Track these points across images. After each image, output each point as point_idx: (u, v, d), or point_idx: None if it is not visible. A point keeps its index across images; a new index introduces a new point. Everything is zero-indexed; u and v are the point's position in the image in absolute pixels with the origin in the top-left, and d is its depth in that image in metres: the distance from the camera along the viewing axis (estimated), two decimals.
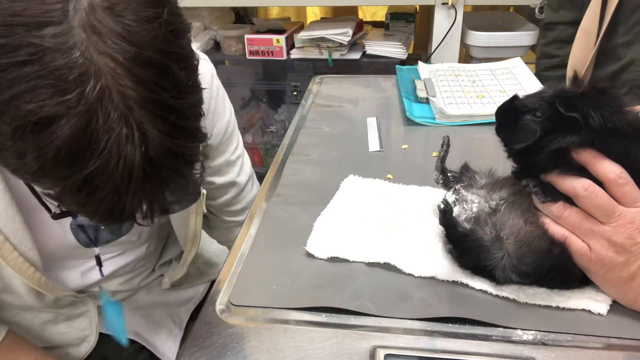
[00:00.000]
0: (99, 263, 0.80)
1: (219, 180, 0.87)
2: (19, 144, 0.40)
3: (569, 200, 0.53)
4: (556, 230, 0.55)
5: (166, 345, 0.93)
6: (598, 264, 0.53)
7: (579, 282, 0.57)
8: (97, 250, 0.77)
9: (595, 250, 0.52)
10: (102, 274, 0.82)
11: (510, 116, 0.55)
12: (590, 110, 0.49)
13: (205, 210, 0.84)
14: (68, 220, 0.69)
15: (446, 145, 0.69)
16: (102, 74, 0.40)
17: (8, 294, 0.72)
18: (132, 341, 0.89)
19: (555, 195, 0.54)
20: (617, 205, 0.51)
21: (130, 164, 0.41)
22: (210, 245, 1.04)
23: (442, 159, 0.69)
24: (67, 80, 0.39)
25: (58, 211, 0.53)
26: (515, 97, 0.56)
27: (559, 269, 0.56)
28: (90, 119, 0.39)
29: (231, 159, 0.88)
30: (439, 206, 0.58)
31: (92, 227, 0.72)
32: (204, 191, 0.81)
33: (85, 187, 0.42)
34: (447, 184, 0.69)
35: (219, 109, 0.81)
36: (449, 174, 0.69)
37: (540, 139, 0.52)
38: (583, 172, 0.52)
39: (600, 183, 0.51)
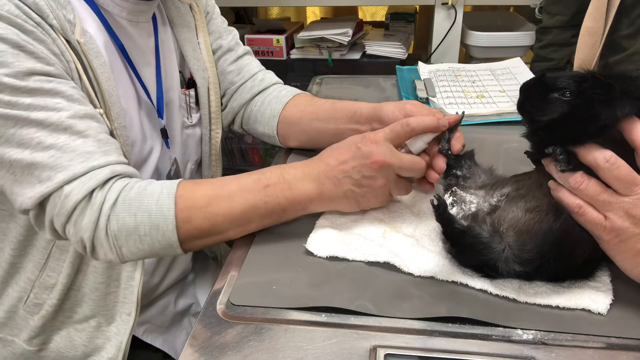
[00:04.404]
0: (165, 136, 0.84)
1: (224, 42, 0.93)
2: None
3: (588, 173, 0.53)
4: (571, 200, 0.54)
5: None
6: (612, 234, 0.53)
7: (581, 265, 0.57)
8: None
9: (611, 220, 0.52)
10: (168, 146, 0.85)
11: (537, 92, 0.55)
12: (626, 85, 0.50)
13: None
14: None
15: (460, 119, 0.69)
16: None
17: None
18: (165, 354, 0.88)
19: (576, 167, 0.54)
20: (638, 177, 0.51)
21: None
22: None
23: (451, 130, 0.69)
24: None
25: None
26: (543, 74, 0.56)
27: (561, 247, 0.55)
28: None
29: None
30: (432, 201, 0.58)
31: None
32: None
33: None
34: (448, 156, 0.69)
35: None
36: (452, 155, 0.69)
37: (568, 115, 0.53)
38: (605, 144, 0.52)
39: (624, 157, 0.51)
